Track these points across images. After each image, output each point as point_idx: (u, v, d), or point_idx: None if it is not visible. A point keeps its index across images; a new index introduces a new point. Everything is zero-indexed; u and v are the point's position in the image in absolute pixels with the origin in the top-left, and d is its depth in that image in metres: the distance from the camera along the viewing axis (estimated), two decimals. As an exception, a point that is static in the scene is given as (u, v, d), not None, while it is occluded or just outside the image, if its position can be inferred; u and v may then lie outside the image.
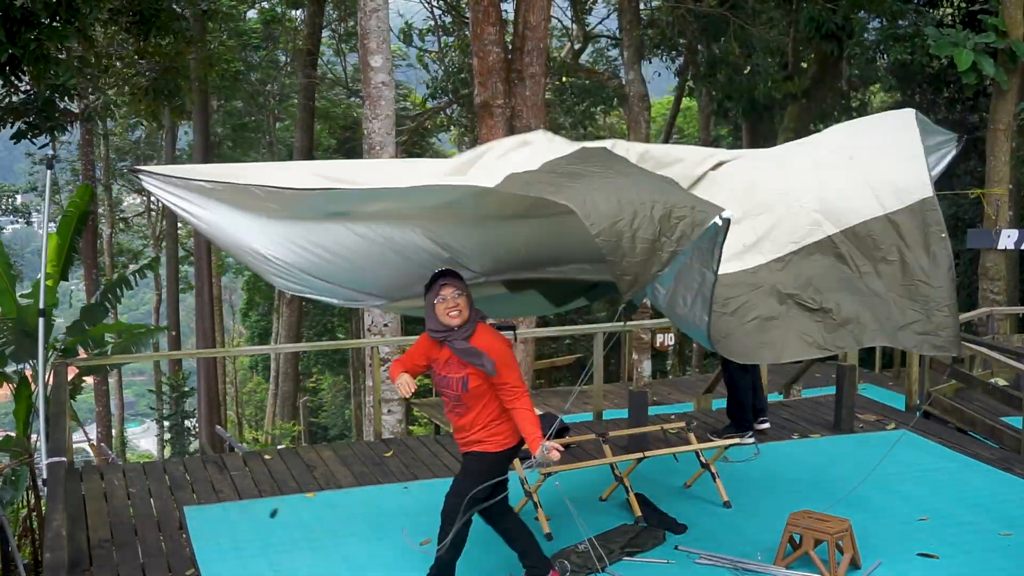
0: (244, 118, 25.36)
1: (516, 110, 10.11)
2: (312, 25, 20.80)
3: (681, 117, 28.32)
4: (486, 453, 4.99)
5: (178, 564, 5.55)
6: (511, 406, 4.86)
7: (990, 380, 10.05)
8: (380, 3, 9.71)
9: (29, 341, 9.38)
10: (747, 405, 7.98)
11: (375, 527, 6.07)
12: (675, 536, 5.91)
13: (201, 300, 20.74)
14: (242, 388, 33.69)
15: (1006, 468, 7.26)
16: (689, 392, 12.48)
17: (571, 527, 5.94)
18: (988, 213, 13.88)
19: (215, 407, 21.00)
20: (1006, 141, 13.89)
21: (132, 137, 30.52)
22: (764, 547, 5.68)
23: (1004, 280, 14.01)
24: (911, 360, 9.09)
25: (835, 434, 8.18)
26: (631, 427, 7.42)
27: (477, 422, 4.96)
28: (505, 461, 5.09)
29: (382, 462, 7.40)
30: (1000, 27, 13.34)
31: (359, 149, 14.69)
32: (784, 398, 10.32)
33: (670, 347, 15.18)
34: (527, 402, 4.89)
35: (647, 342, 13.56)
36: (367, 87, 9.87)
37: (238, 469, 7.19)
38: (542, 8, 10.15)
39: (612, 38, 22.15)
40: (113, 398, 27.37)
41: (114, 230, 29.97)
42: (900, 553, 5.68)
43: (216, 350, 18.07)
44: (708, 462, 6.54)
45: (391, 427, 10.06)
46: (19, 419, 9.48)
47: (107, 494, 6.65)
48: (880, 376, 13.40)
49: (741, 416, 7.98)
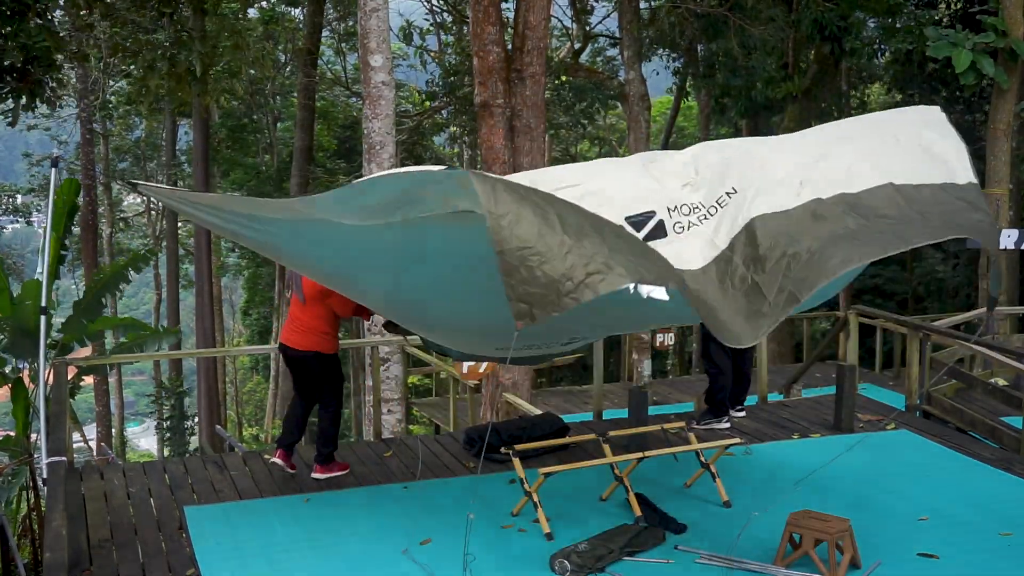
0: (242, 119, 25.34)
1: (516, 110, 10.10)
2: (312, 24, 20.79)
3: (681, 116, 28.32)
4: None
5: (178, 564, 5.55)
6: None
7: (990, 380, 10.05)
8: (380, 3, 9.70)
9: (26, 340, 9.38)
10: (726, 389, 8.23)
11: (375, 527, 6.07)
12: (675, 536, 5.91)
13: (201, 299, 20.73)
14: (242, 388, 33.70)
15: (1006, 468, 7.26)
16: (689, 392, 12.48)
17: (571, 527, 5.95)
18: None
19: (215, 407, 20.99)
20: (1006, 141, 13.88)
21: (132, 137, 30.53)
22: (764, 547, 5.68)
23: (1004, 280, 14.00)
24: (911, 360, 9.09)
25: (835, 434, 8.18)
26: (631, 427, 7.42)
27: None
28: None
29: (382, 462, 7.40)
30: (1000, 26, 13.33)
31: (359, 149, 14.68)
32: (784, 398, 10.32)
33: (670, 347, 15.16)
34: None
35: (647, 342, 13.54)
36: (367, 87, 9.86)
37: (238, 469, 7.19)
38: (542, 8, 10.13)
39: (612, 38, 22.14)
40: (113, 398, 27.39)
41: (114, 230, 29.97)
42: (900, 553, 5.68)
43: (216, 350, 18.07)
44: (708, 462, 6.54)
45: (391, 427, 10.06)
46: (18, 419, 9.49)
47: (107, 494, 6.65)
48: (880, 376, 13.41)
49: (719, 401, 8.26)
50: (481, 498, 6.51)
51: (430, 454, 7.57)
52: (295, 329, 6.77)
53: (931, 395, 9.15)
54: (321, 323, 6.70)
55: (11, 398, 9.61)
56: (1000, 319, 12.62)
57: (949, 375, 9.57)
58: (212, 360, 21.10)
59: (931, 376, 9.21)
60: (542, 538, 5.81)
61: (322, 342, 6.73)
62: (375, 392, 9.93)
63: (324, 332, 6.73)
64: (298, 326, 6.76)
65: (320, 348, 6.74)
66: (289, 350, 6.82)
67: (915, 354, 8.99)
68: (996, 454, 7.71)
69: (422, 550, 5.69)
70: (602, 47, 25.23)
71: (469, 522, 5.03)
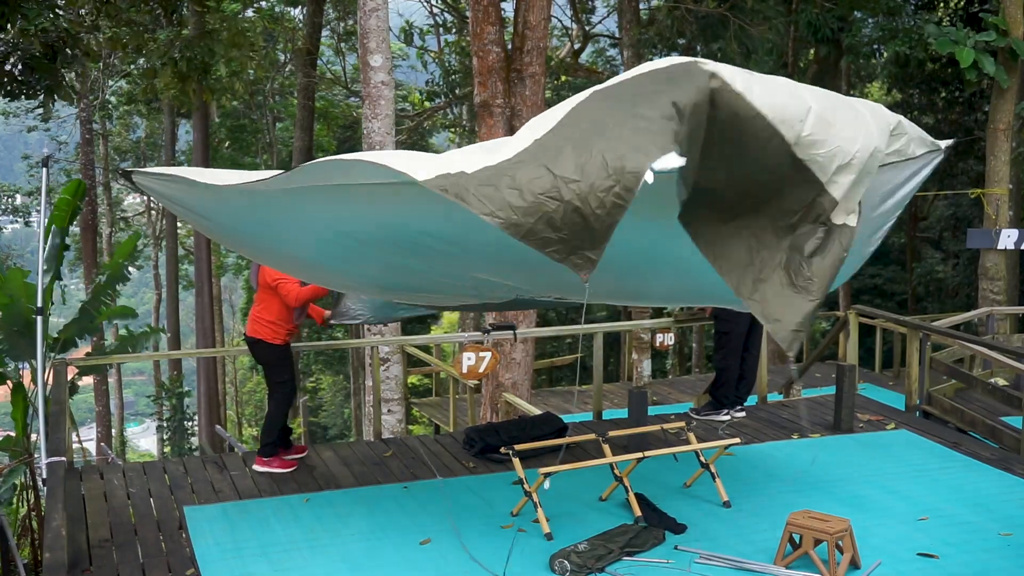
0: (242, 119, 25.36)
1: (516, 110, 10.10)
2: (312, 24, 20.79)
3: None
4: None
5: (178, 564, 5.55)
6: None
7: (990, 380, 10.05)
8: (380, 2, 9.69)
9: (24, 340, 9.37)
10: (730, 384, 8.51)
11: (375, 527, 6.07)
12: (675, 536, 5.90)
13: (201, 300, 20.74)
14: (242, 388, 33.70)
15: (1006, 468, 7.26)
16: (689, 392, 12.48)
17: (571, 527, 5.95)
18: (988, 213, 13.87)
19: (215, 407, 21.00)
20: (1006, 141, 13.87)
21: (132, 137, 30.56)
22: (764, 547, 5.69)
23: (1004, 280, 14.00)
24: (911, 360, 9.09)
25: (835, 434, 8.18)
26: (631, 427, 7.42)
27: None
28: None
29: (382, 462, 7.40)
30: (1001, 26, 13.33)
31: (359, 149, 14.68)
32: (784, 398, 10.32)
33: (670, 347, 15.15)
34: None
35: (647, 342, 13.53)
36: (366, 87, 9.86)
37: (238, 469, 7.19)
38: (542, 8, 10.13)
39: (612, 38, 22.14)
40: (113, 398, 27.40)
41: (114, 229, 29.99)
42: (900, 553, 5.68)
43: (216, 350, 18.05)
44: (708, 462, 6.54)
45: (391, 427, 10.06)
46: (17, 419, 9.48)
47: (107, 494, 6.65)
48: (880, 376, 13.41)
49: (720, 395, 8.56)
50: (481, 498, 6.52)
51: (430, 454, 7.58)
52: (250, 317, 7.17)
53: (931, 395, 9.15)
54: (268, 313, 6.99)
55: (11, 399, 9.61)
56: (1000, 319, 12.61)
57: (949, 375, 9.58)
58: (212, 360, 21.10)
59: (931, 376, 9.22)
60: (542, 538, 5.81)
61: (266, 331, 7.00)
62: (375, 392, 9.92)
63: (270, 322, 6.99)
64: (250, 315, 7.17)
65: (263, 336, 7.01)
66: (245, 337, 7.21)
67: (915, 354, 9.00)
68: (996, 454, 7.71)
69: (427, 548, 5.69)
70: (602, 47, 25.25)
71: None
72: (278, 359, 7.15)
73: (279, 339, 7.07)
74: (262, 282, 6.97)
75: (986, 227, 13.86)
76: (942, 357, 9.91)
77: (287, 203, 4.90)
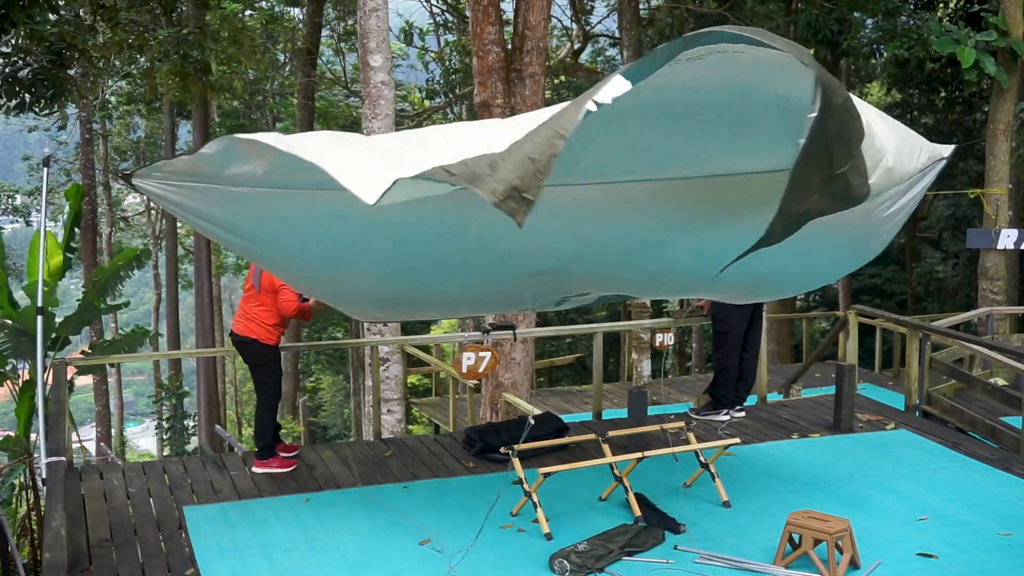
0: (242, 119, 25.33)
1: (516, 110, 10.09)
2: (311, 24, 20.79)
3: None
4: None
5: (178, 564, 5.55)
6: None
7: (990, 380, 10.05)
8: (380, 2, 9.69)
9: (27, 340, 9.39)
10: (729, 384, 8.56)
11: (375, 527, 6.07)
12: (675, 536, 5.91)
13: (201, 299, 20.74)
14: (242, 388, 33.66)
15: (1005, 468, 7.26)
16: (689, 392, 12.48)
17: (571, 527, 5.95)
18: (988, 213, 13.87)
19: (215, 406, 21.00)
20: (1006, 141, 13.87)
21: (132, 137, 30.55)
22: (764, 547, 5.69)
23: (1004, 280, 13.99)
24: (911, 360, 9.09)
25: (835, 434, 8.18)
26: (631, 427, 7.42)
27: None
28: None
29: (382, 462, 7.40)
30: (1001, 26, 13.33)
31: (359, 149, 14.66)
32: (784, 398, 10.32)
33: (670, 347, 15.15)
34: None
35: (647, 342, 13.53)
36: (366, 87, 9.86)
37: (238, 469, 7.19)
38: (542, 8, 10.13)
39: (612, 38, 22.13)
40: (113, 397, 27.40)
41: (114, 229, 29.99)
42: (900, 553, 5.68)
43: (216, 350, 18.03)
44: (708, 462, 6.54)
45: (391, 427, 10.06)
46: (20, 419, 9.50)
47: (107, 494, 6.64)
48: (880, 376, 13.41)
49: (719, 395, 8.62)
50: (481, 498, 6.52)
51: (430, 454, 7.57)
52: (241, 317, 7.18)
53: (931, 395, 9.15)
54: (267, 315, 7.06)
55: (16, 398, 9.63)
56: (1000, 319, 12.61)
57: (948, 375, 9.58)
58: (212, 360, 21.10)
59: (931, 376, 9.21)
60: (542, 538, 5.81)
61: (262, 332, 7.07)
62: (375, 392, 9.92)
63: (267, 324, 7.07)
64: (243, 314, 7.16)
65: (258, 336, 7.07)
66: (234, 336, 7.21)
67: (915, 354, 9.00)
68: (995, 454, 7.71)
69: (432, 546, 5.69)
70: (602, 47, 25.24)
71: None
72: (269, 360, 7.20)
73: (273, 340, 7.12)
74: (266, 286, 6.98)
75: (986, 227, 13.86)
76: (942, 357, 9.91)
77: (305, 208, 4.85)
